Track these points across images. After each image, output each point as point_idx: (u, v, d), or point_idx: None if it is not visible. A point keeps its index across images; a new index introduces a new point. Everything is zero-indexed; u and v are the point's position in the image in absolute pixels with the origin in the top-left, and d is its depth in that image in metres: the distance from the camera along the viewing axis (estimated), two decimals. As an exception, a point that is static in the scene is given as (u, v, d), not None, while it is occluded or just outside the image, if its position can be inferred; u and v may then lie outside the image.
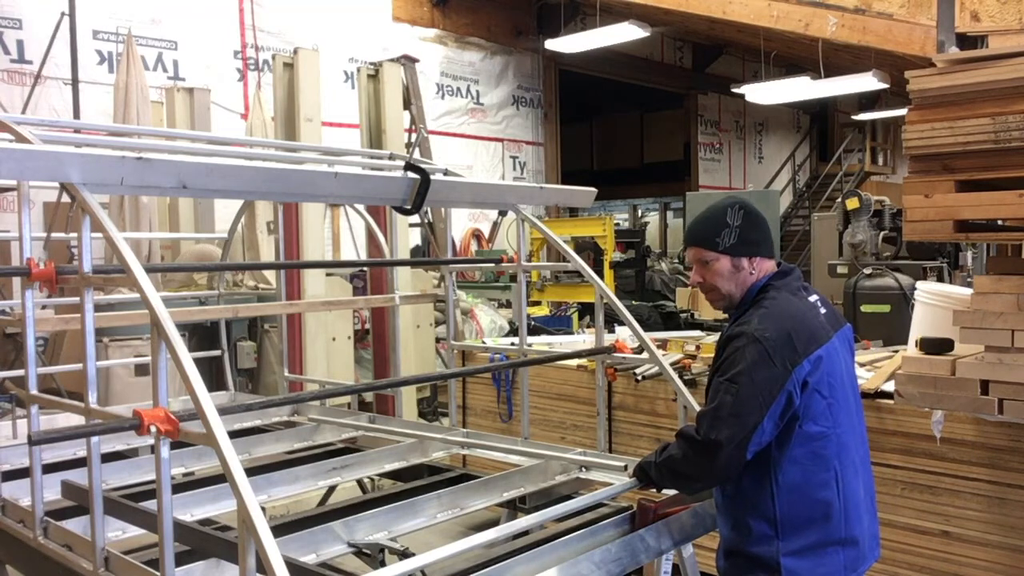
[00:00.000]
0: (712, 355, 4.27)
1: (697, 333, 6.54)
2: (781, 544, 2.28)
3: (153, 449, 1.92)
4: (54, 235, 4.15)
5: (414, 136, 9.23)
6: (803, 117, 21.05)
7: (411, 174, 2.95)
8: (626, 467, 3.07)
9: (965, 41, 6.20)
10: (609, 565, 2.37)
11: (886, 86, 12.26)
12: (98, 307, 4.18)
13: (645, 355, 3.35)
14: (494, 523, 2.97)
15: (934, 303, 3.86)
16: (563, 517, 2.62)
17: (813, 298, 2.44)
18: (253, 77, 10.70)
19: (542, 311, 10.34)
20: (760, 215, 2.46)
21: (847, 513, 2.31)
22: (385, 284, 5.17)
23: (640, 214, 18.28)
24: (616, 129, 20.45)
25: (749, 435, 2.19)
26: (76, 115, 7.80)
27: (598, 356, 3.53)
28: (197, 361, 1.97)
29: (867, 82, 11.89)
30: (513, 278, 8.68)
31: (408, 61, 9.55)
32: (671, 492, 2.67)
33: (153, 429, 1.86)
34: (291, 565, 1.96)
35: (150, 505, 2.56)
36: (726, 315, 2.54)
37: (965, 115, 3.12)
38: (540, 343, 6.13)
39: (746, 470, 2.29)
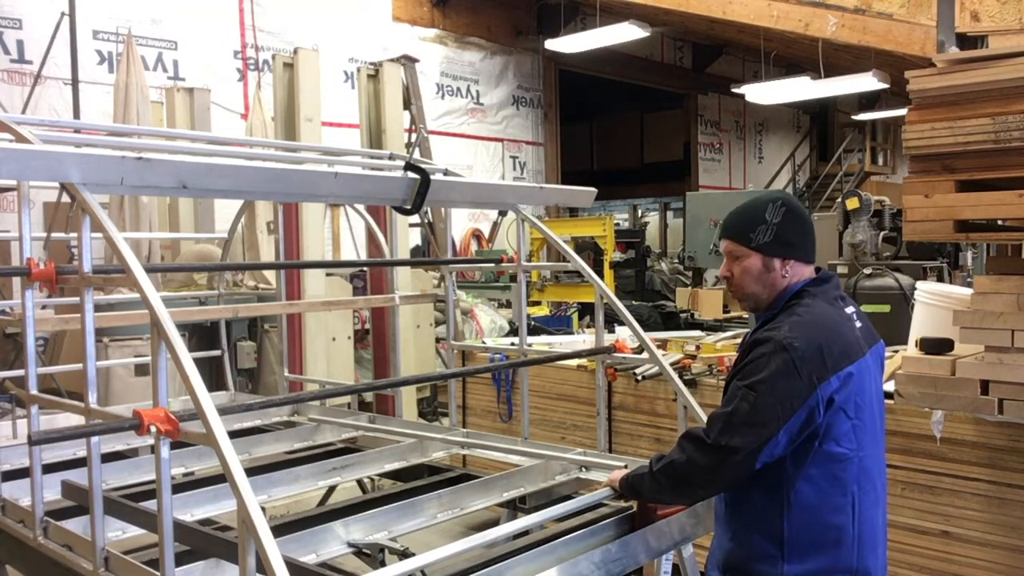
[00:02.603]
0: (712, 355, 4.26)
1: (697, 333, 6.54)
2: (786, 567, 2.16)
3: (153, 449, 1.92)
4: (54, 235, 4.15)
5: (414, 136, 9.23)
6: (803, 117, 21.06)
7: (411, 174, 2.95)
8: (626, 467, 3.06)
9: (965, 41, 6.19)
10: (609, 565, 2.36)
11: (886, 86, 12.27)
12: (98, 307, 4.17)
13: (645, 355, 3.35)
14: (494, 523, 2.96)
15: (934, 303, 3.86)
16: (563, 517, 2.62)
17: (850, 309, 2.30)
18: (253, 77, 10.70)
19: (542, 311, 10.34)
20: (804, 216, 2.31)
21: (861, 542, 2.18)
22: (385, 284, 5.16)
23: (640, 214, 18.27)
24: (616, 129, 20.45)
25: (761, 446, 2.08)
26: (76, 115, 7.81)
27: (598, 356, 3.53)
28: (197, 361, 1.97)
29: (867, 82, 11.89)
30: (513, 278, 8.67)
31: (408, 61, 9.55)
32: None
33: (153, 429, 1.86)
34: (291, 565, 1.96)
35: (150, 505, 2.56)
36: (750, 315, 2.44)
37: (965, 115, 3.13)
38: (540, 343, 6.12)
39: (758, 484, 2.18)
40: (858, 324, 2.28)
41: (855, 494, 2.16)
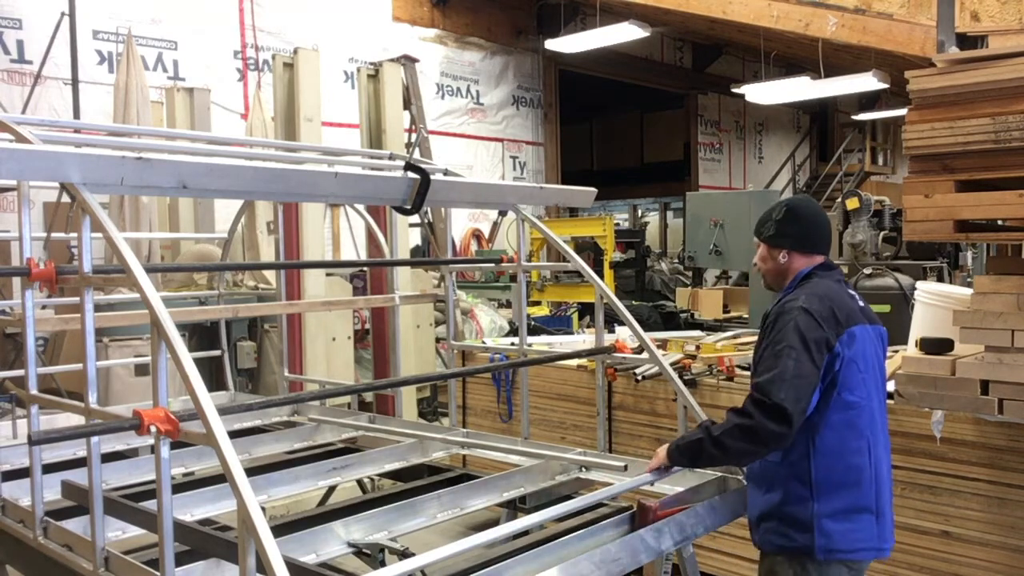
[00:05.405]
0: (712, 355, 4.29)
1: (697, 333, 6.53)
2: (817, 506, 2.45)
3: (153, 449, 1.92)
4: (54, 235, 4.15)
5: (414, 136, 9.23)
6: (803, 117, 21.05)
7: (411, 174, 2.96)
8: (626, 467, 3.07)
9: (965, 41, 6.19)
10: (609, 565, 2.36)
11: (886, 86, 12.26)
12: (98, 307, 4.17)
13: (645, 355, 3.35)
14: (494, 523, 2.97)
15: (934, 303, 3.86)
16: (563, 517, 2.62)
17: (851, 291, 2.71)
18: (253, 77, 10.70)
19: (542, 311, 10.34)
20: (804, 216, 2.72)
21: (878, 484, 2.50)
22: (385, 284, 5.16)
23: (640, 214, 18.28)
24: (616, 129, 20.45)
25: (810, 396, 2.40)
26: (76, 115, 7.80)
27: (598, 356, 3.53)
28: (197, 361, 1.97)
29: (867, 82, 11.89)
30: (513, 278, 8.67)
31: (408, 61, 9.55)
32: (675, 489, 2.68)
33: (153, 429, 1.86)
34: (291, 565, 1.96)
35: (150, 505, 2.56)
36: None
37: (965, 115, 3.12)
38: (540, 343, 6.12)
39: None
40: (860, 303, 2.67)
41: (869, 439, 2.50)
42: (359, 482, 3.88)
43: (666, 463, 2.67)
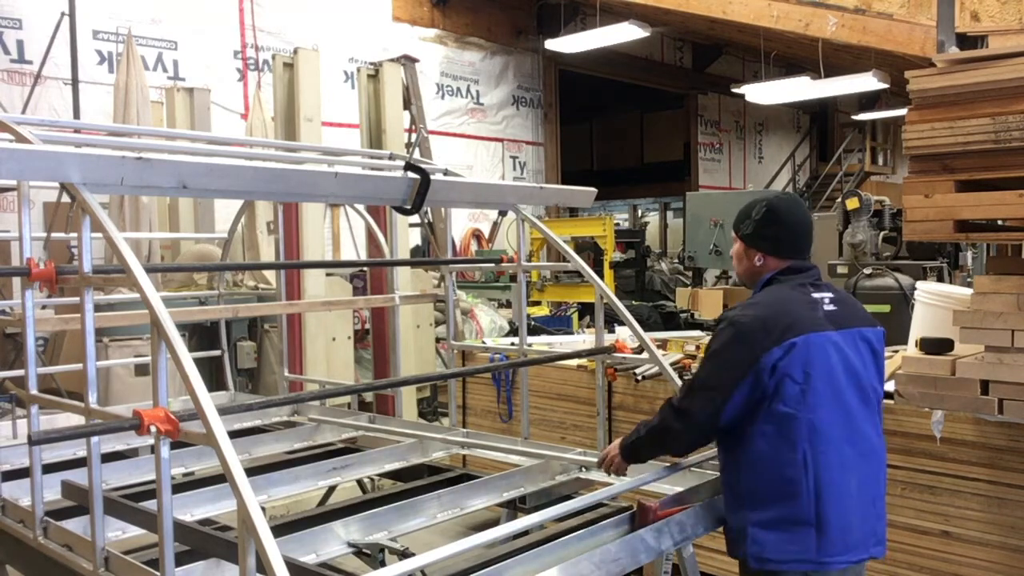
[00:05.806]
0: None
1: (697, 333, 6.53)
2: (749, 514, 2.44)
3: (153, 449, 1.92)
4: (54, 235, 4.15)
5: (414, 136, 9.23)
6: (803, 117, 21.05)
7: (411, 174, 2.95)
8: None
9: (965, 41, 6.19)
10: (609, 565, 2.36)
11: (886, 86, 12.27)
12: (98, 307, 4.17)
13: (645, 355, 3.35)
14: (494, 523, 2.96)
15: (934, 303, 3.86)
16: (563, 517, 2.62)
17: (820, 295, 2.53)
18: (253, 77, 10.70)
19: (542, 311, 10.34)
20: (784, 220, 2.59)
21: (821, 498, 2.37)
22: (385, 284, 5.16)
23: (640, 214, 18.29)
24: (616, 129, 20.46)
25: (719, 406, 2.41)
26: (76, 115, 7.81)
27: (598, 356, 3.53)
28: (197, 361, 1.97)
29: (867, 82, 11.89)
30: (513, 278, 8.68)
31: (408, 61, 9.55)
32: (675, 489, 2.70)
33: (153, 429, 1.86)
34: (291, 565, 1.96)
35: (150, 505, 2.56)
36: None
37: (965, 115, 3.13)
38: (540, 343, 6.12)
39: (724, 442, 2.53)
40: (828, 307, 2.52)
41: (807, 451, 2.39)
42: (359, 482, 3.88)
43: (619, 460, 2.74)
